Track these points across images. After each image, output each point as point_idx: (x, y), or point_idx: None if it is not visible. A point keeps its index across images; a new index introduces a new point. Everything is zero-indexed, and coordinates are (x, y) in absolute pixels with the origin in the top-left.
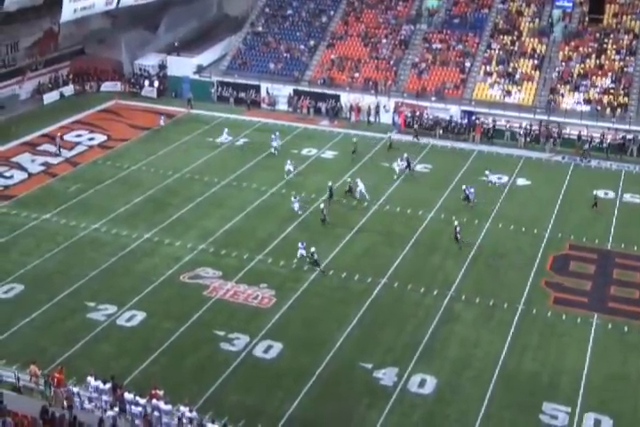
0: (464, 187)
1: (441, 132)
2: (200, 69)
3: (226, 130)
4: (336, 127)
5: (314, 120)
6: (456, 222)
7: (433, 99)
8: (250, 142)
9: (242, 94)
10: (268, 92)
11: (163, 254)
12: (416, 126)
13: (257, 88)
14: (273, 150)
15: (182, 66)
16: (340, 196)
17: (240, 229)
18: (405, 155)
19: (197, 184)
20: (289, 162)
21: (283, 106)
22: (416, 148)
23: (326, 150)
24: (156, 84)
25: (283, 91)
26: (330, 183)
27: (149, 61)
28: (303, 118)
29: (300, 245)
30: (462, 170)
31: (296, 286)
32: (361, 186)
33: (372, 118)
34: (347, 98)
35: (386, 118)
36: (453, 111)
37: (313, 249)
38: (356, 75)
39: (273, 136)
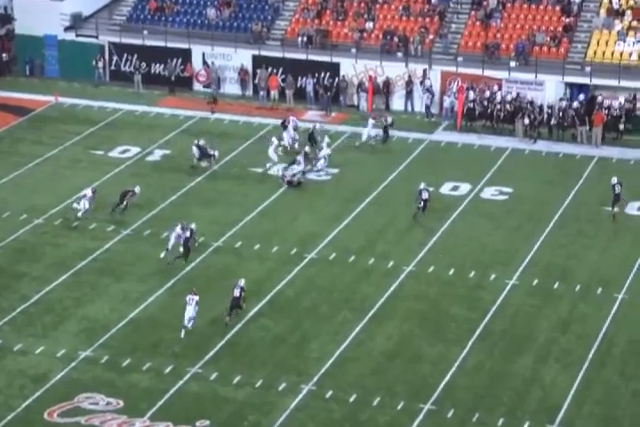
0: (422, 186)
1: (527, 124)
2: (77, 22)
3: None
4: (334, 122)
5: (292, 111)
6: (423, 185)
7: (513, 64)
8: (172, 156)
9: (157, 68)
10: (205, 61)
11: (10, 371)
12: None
13: (185, 55)
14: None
15: (42, 15)
16: (343, 250)
17: (158, 315)
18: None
19: (76, 237)
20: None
21: (233, 86)
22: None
23: (319, 168)
24: None
25: (233, 59)
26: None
27: None
28: (272, 108)
29: None
30: (570, 195)
31: (264, 422)
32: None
33: (397, 104)
34: (352, 68)
35: (428, 103)
36: (551, 86)
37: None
38: (369, 25)
39: (196, 142)
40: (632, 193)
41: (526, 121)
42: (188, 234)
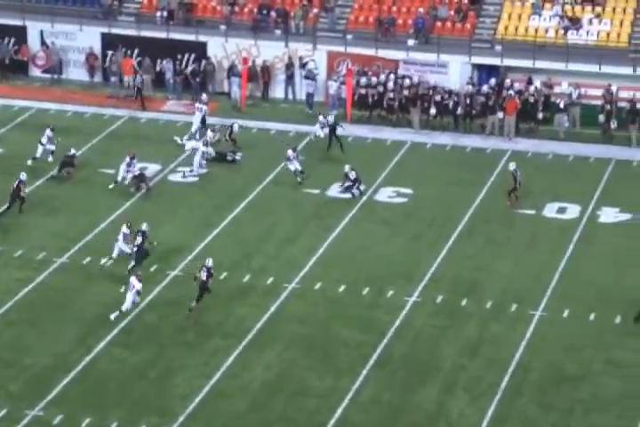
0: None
1: (433, 113)
2: None
3: None
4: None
5: (151, 101)
6: (347, 167)
7: (411, 43)
8: (4, 156)
9: None
10: (44, 41)
11: None
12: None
13: (19, 34)
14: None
15: None
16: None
17: None
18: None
19: None
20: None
21: (78, 71)
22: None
23: (182, 166)
24: None
25: (78, 39)
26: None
27: None
28: (125, 98)
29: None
30: (479, 196)
31: None
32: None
33: (277, 91)
34: (222, 49)
35: (310, 90)
36: (456, 68)
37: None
38: None
39: (44, 139)
40: (551, 193)
41: (433, 111)
42: (140, 239)
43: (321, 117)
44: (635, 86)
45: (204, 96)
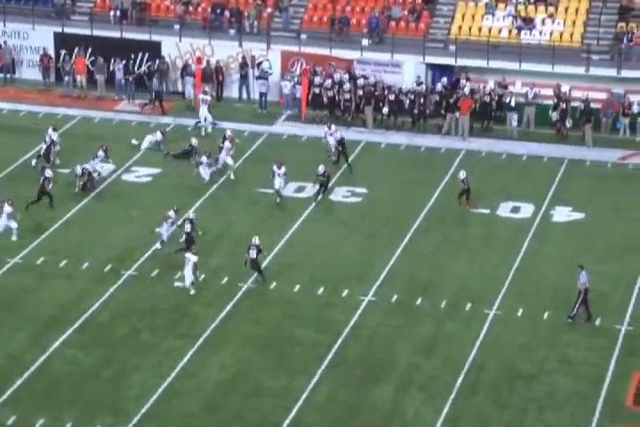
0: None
1: (385, 112)
2: None
3: None
4: (156, 113)
5: (103, 101)
6: (322, 168)
7: (365, 43)
8: None
9: None
10: None
11: None
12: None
13: None
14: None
15: None
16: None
17: None
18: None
19: None
20: None
21: (31, 71)
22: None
23: (135, 166)
24: None
25: (31, 38)
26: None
27: None
28: (79, 97)
29: None
30: (434, 195)
31: None
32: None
33: (229, 91)
34: (176, 48)
35: (263, 90)
36: (410, 68)
37: None
38: None
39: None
40: (505, 192)
41: (385, 109)
42: (188, 227)
43: (325, 128)
44: (587, 86)
45: (207, 88)
